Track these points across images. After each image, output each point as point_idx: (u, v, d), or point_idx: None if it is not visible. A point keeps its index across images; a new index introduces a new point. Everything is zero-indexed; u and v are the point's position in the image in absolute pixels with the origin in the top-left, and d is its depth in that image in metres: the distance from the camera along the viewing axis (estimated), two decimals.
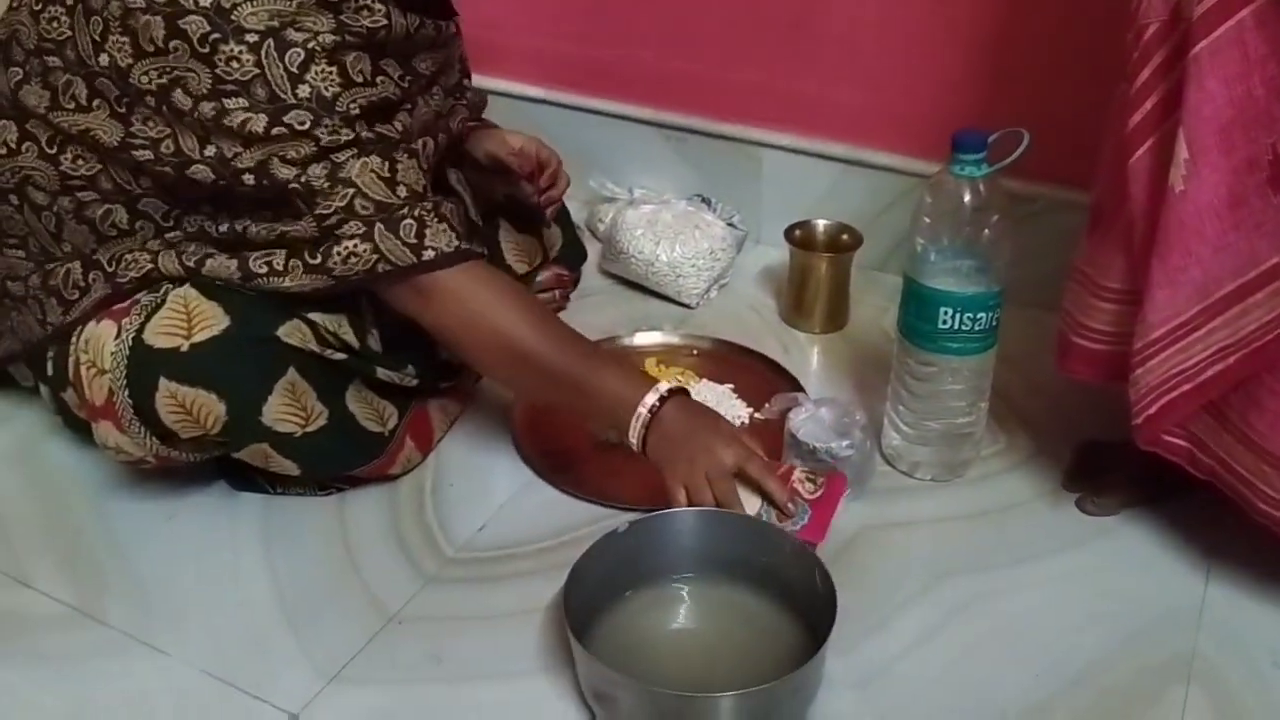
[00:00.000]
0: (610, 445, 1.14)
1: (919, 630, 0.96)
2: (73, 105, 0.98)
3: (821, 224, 1.42)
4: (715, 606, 0.97)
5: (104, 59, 0.95)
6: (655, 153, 1.59)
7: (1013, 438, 1.19)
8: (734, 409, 1.23)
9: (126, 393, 0.97)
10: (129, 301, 1.00)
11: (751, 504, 1.00)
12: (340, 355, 1.05)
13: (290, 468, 1.05)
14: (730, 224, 1.49)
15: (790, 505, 0.99)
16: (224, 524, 1.09)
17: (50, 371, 1.08)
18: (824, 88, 1.44)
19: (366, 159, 0.97)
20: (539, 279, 1.39)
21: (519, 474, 1.15)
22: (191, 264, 1.01)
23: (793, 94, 1.46)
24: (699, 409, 1.05)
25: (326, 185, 0.96)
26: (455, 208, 1.09)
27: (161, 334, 0.96)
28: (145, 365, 0.96)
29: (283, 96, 0.92)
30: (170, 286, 1.00)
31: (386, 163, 0.98)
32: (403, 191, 0.99)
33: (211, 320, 0.97)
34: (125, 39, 0.93)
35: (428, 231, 0.99)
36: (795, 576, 0.93)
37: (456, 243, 1.00)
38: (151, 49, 0.92)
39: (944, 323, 1.03)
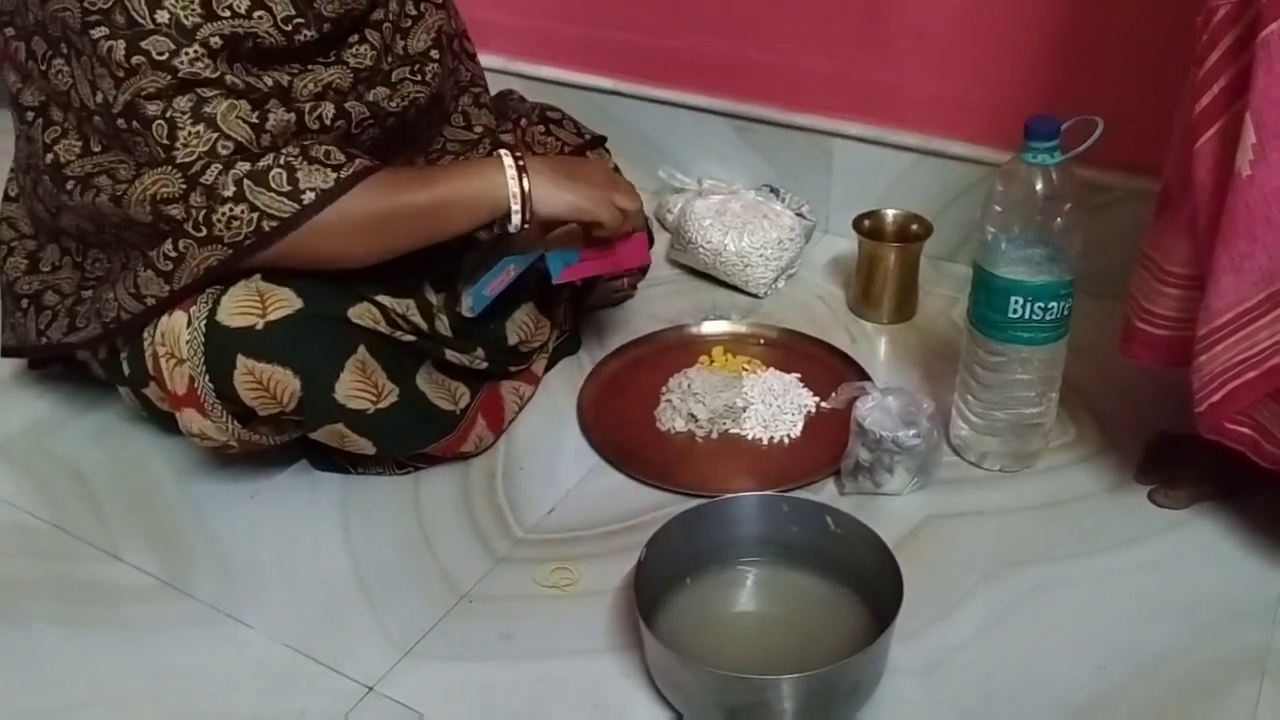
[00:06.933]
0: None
1: (984, 619, 0.96)
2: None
3: (891, 214, 1.41)
4: (780, 590, 0.98)
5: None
6: (724, 143, 1.59)
7: (1083, 429, 1.18)
8: (800, 398, 1.23)
9: (207, 377, 1.00)
10: None
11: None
12: (409, 337, 1.08)
13: (366, 446, 1.07)
14: (799, 214, 1.49)
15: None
16: (304, 502, 1.13)
17: (127, 371, 1.10)
18: (897, 77, 1.43)
19: (235, 101, 0.96)
20: None
21: (586, 459, 1.17)
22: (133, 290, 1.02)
23: (866, 83, 1.46)
24: (553, 157, 1.14)
25: (190, 122, 0.95)
26: (329, 147, 1.02)
27: (236, 314, 0.99)
28: (222, 345, 0.99)
29: (140, 22, 0.93)
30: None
31: (256, 110, 0.97)
32: (266, 140, 0.98)
33: (284, 301, 1.00)
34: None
35: (299, 176, 0.98)
36: (861, 562, 0.94)
37: (335, 175, 0.98)
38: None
39: (1014, 312, 1.02)
